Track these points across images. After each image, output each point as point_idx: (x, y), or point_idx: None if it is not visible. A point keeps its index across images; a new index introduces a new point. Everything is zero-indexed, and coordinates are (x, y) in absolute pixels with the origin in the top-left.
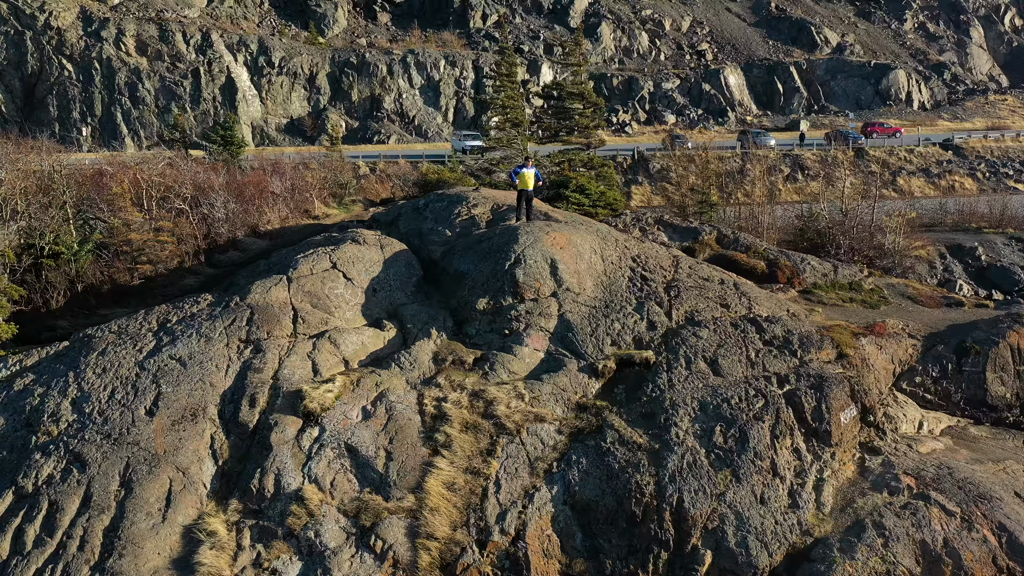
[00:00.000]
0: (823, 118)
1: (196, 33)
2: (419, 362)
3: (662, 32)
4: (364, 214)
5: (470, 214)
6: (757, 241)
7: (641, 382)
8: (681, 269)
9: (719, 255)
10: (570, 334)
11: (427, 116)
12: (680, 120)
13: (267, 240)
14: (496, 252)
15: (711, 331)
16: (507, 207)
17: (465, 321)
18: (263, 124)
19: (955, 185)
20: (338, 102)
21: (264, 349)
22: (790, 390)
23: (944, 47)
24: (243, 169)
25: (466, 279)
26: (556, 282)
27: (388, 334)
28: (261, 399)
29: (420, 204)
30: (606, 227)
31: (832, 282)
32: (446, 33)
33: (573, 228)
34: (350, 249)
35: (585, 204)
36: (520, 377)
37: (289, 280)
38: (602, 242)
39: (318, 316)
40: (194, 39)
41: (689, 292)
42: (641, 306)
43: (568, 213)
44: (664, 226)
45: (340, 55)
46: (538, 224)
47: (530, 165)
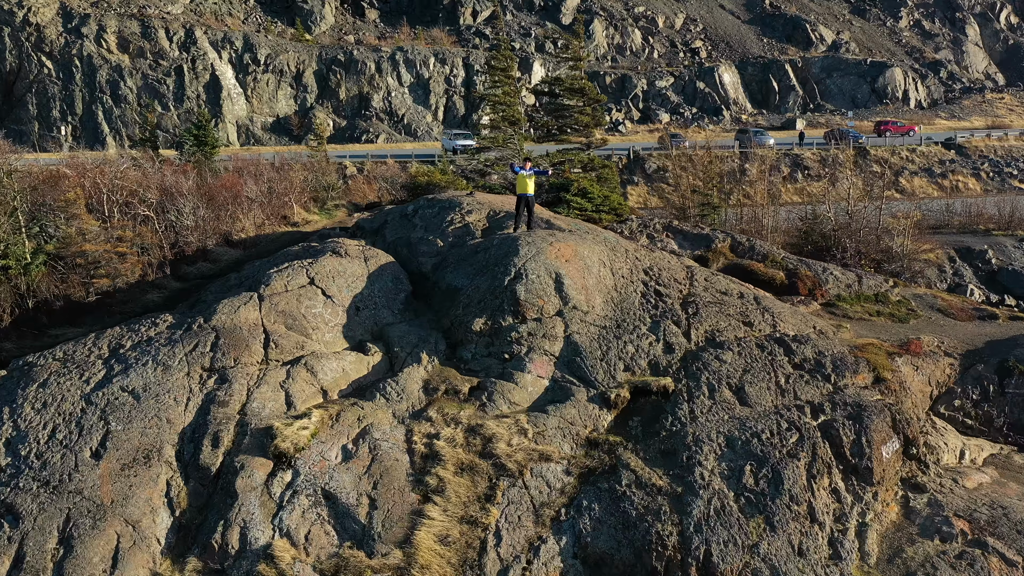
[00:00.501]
0: (819, 116)
1: (179, 30)
2: (408, 392)
3: (655, 29)
4: (348, 220)
5: (464, 221)
6: (774, 249)
7: (659, 414)
8: (697, 282)
9: (734, 265)
10: (578, 358)
11: (416, 115)
12: (674, 119)
13: (240, 249)
14: (494, 265)
15: (735, 354)
16: (504, 213)
17: (459, 343)
18: (248, 123)
19: (959, 185)
20: (325, 100)
21: (230, 379)
22: (825, 421)
23: (940, 45)
24: (216, 171)
25: (460, 295)
26: (561, 299)
27: (372, 359)
28: (226, 438)
29: (408, 210)
30: (614, 235)
31: (857, 294)
32: (436, 30)
33: (579, 238)
34: (330, 262)
35: (587, 209)
36: (522, 409)
37: (260, 298)
38: (611, 253)
39: (293, 339)
40: (177, 36)
41: (708, 309)
42: (656, 325)
43: (572, 220)
44: (673, 233)
45: (327, 52)
46: (540, 233)
47: (528, 167)
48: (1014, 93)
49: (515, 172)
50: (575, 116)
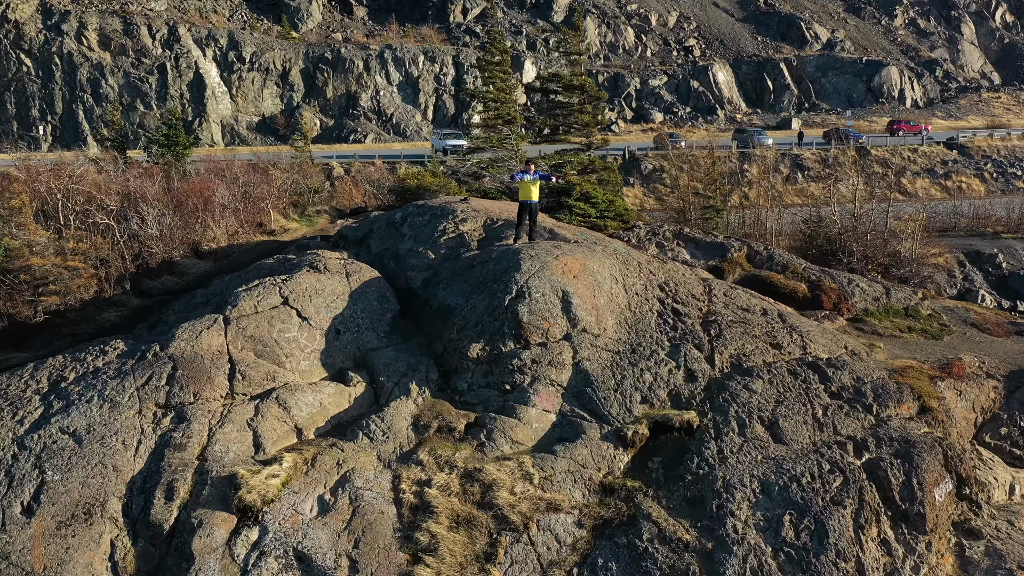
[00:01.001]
0: (815, 116)
1: (162, 27)
2: (394, 430)
3: (648, 27)
4: (330, 228)
5: (458, 231)
6: (795, 259)
7: (682, 453)
8: (716, 297)
9: (752, 276)
10: (589, 389)
11: (405, 114)
12: (668, 118)
13: (211, 261)
14: (493, 282)
15: (765, 382)
16: (503, 222)
17: (454, 372)
18: (233, 123)
19: (962, 186)
20: (312, 99)
21: (189, 417)
22: (871, 460)
23: (935, 44)
24: (186, 174)
25: (454, 316)
26: (569, 321)
27: (355, 390)
28: (182, 488)
29: (396, 218)
30: (624, 246)
31: (885, 308)
32: (425, 28)
33: (587, 249)
34: (307, 279)
35: (591, 215)
36: (526, 449)
37: (226, 321)
38: (623, 267)
39: (263, 369)
40: (160, 33)
41: (732, 329)
42: (676, 350)
43: (577, 229)
44: (685, 241)
45: (314, 50)
46: (544, 245)
47: (533, 171)
48: (1011, 92)
49: (517, 179)
50: (574, 115)
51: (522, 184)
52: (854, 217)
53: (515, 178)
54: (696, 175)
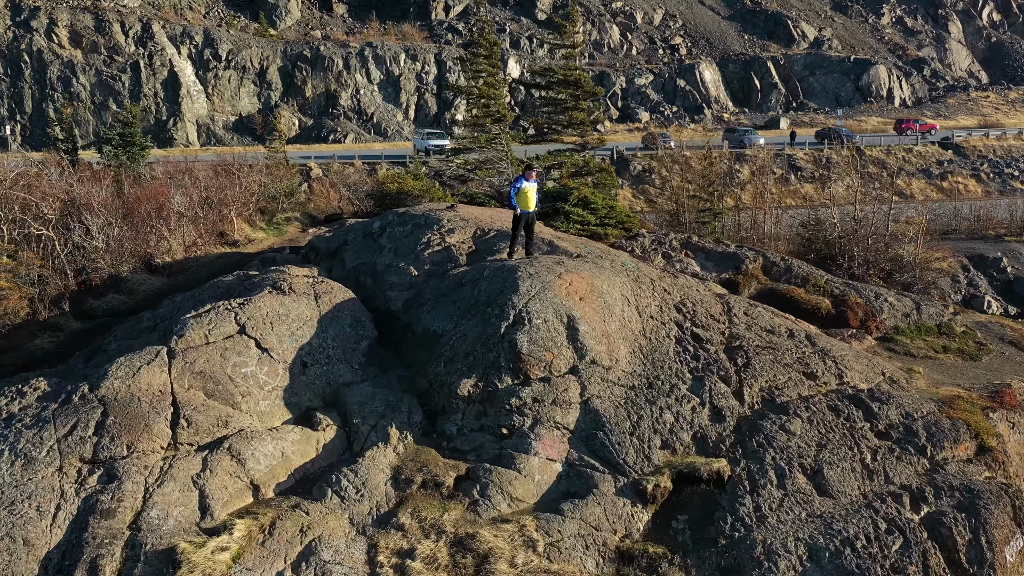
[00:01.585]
0: (803, 116)
1: (136, 24)
2: (370, 486)
3: (633, 25)
4: (300, 237)
5: (444, 243)
6: (815, 271)
7: (712, 510)
8: (736, 318)
9: (770, 290)
10: (600, 433)
11: (386, 113)
12: (654, 117)
13: (164, 277)
14: (486, 305)
15: (804, 421)
16: (495, 232)
17: (441, 412)
18: (209, 122)
19: (959, 187)
20: (291, 98)
21: (120, 475)
22: (931, 515)
23: (923, 42)
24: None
25: (441, 345)
26: (576, 351)
27: (323, 435)
28: (108, 567)
29: (374, 227)
30: (631, 260)
31: (916, 325)
32: (406, 25)
33: (594, 265)
34: (268, 302)
35: (591, 223)
36: (527, 507)
37: (171, 354)
38: (635, 285)
39: (214, 412)
40: (133, 30)
41: (760, 357)
42: (699, 383)
43: (578, 239)
44: (693, 251)
45: (293, 48)
46: (544, 261)
47: (533, 177)
48: (999, 91)
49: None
50: (568, 112)
51: (521, 193)
52: (854, 220)
53: (517, 185)
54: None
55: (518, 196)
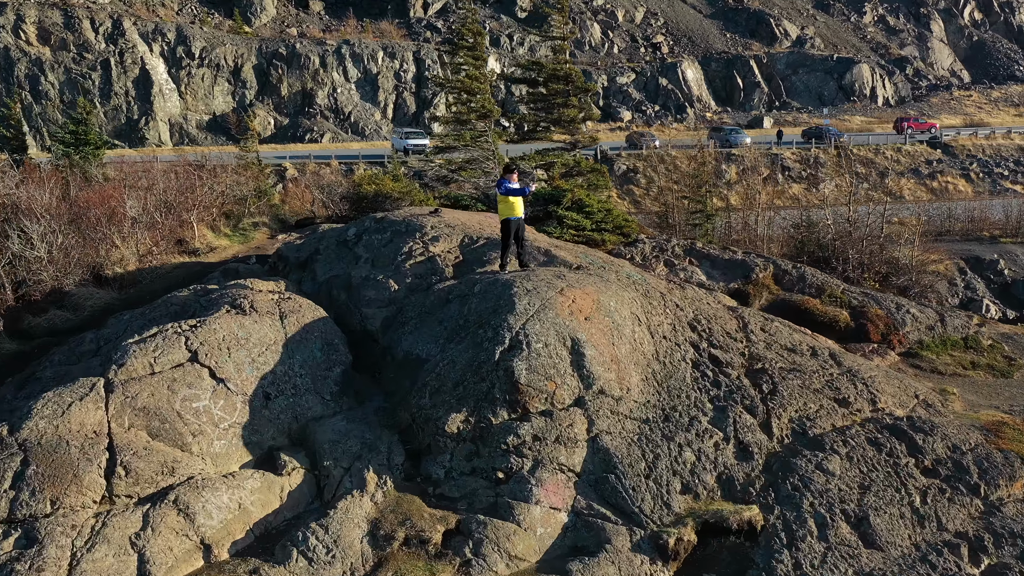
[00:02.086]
0: (786, 115)
1: (106, 20)
2: (344, 544)
3: (615, 23)
4: (268, 245)
5: (428, 253)
6: (831, 280)
7: (744, 567)
8: (753, 335)
9: (782, 301)
10: (612, 476)
11: (364, 112)
12: (637, 117)
13: (115, 290)
14: (477, 326)
15: (843, 458)
16: (485, 240)
17: (426, 452)
18: (182, 121)
19: (948, 187)
20: (266, 97)
21: (42, 538)
22: (992, 569)
23: (905, 41)
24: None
25: (426, 373)
26: (582, 379)
27: (288, 481)
28: None
29: (349, 235)
30: (637, 271)
31: (942, 338)
32: (384, 23)
33: (599, 279)
34: (226, 324)
35: (586, 227)
36: (529, 567)
37: (109, 387)
38: (645, 301)
39: (159, 457)
40: (104, 27)
41: (787, 382)
42: (722, 414)
43: (576, 247)
44: (698, 258)
45: (268, 46)
46: (541, 274)
47: (513, 181)
48: (981, 91)
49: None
50: (558, 109)
51: (503, 198)
52: (848, 221)
53: (502, 188)
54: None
55: (503, 202)
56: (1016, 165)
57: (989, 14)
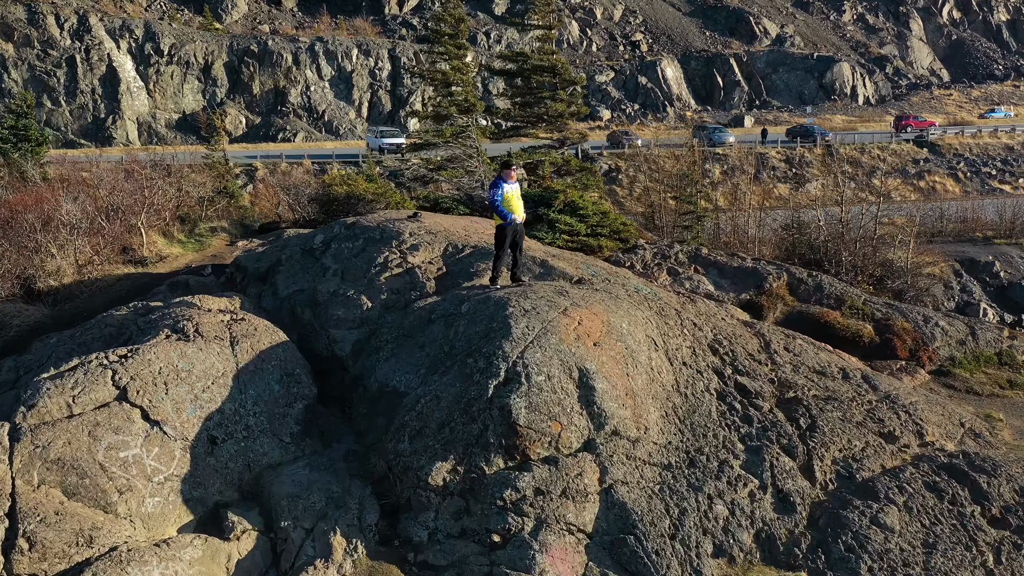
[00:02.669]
0: (767, 114)
1: (71, 16)
2: None
3: (593, 21)
4: (227, 252)
5: (406, 264)
6: (850, 289)
7: None
8: (778, 355)
9: (799, 313)
10: (630, 537)
11: (338, 111)
12: (616, 115)
13: (48, 306)
14: (466, 354)
15: (900, 509)
16: (471, 249)
17: (405, 509)
18: (151, 120)
19: (936, 186)
20: (237, 95)
21: None
22: None
23: (884, 40)
24: (28, 180)
25: (404, 409)
26: (592, 419)
27: (237, 547)
28: None
29: (316, 243)
30: (645, 284)
31: (974, 354)
32: (359, 20)
33: (607, 296)
34: (164, 353)
35: (581, 232)
36: None
37: (15, 434)
38: (660, 321)
39: (74, 523)
40: (69, 23)
41: (826, 415)
42: (756, 456)
43: (575, 257)
44: (704, 265)
45: (239, 43)
46: (541, 290)
47: (512, 178)
48: (961, 89)
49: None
50: (544, 103)
51: (506, 199)
52: (840, 222)
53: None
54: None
55: (503, 202)
56: (1004, 164)
57: (968, 13)
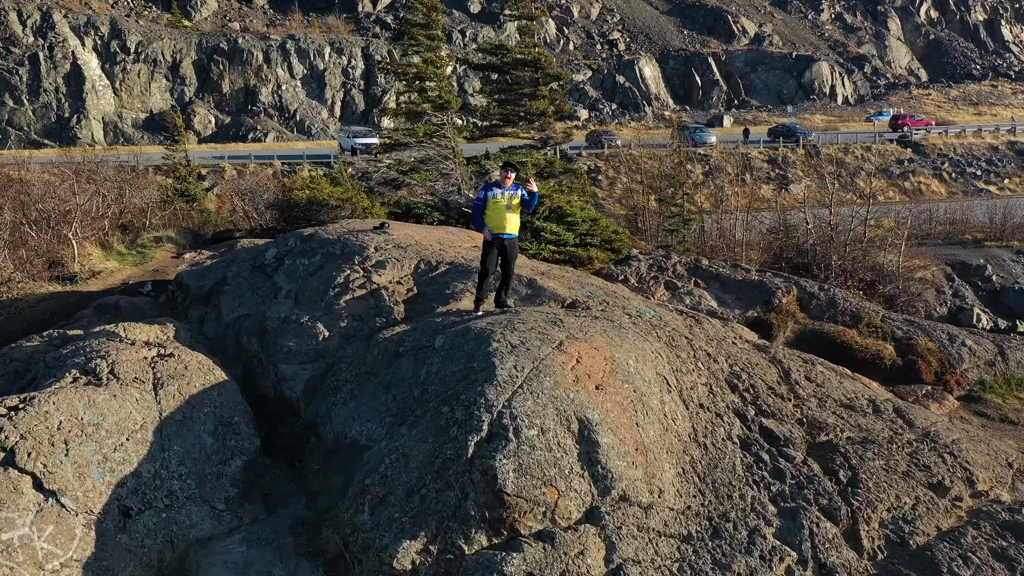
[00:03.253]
0: (746, 113)
1: (34, 12)
2: None
3: (570, 20)
4: (172, 265)
5: (370, 285)
6: (866, 304)
7: None
8: (799, 387)
9: (812, 333)
10: None
11: (310, 110)
12: (594, 115)
13: None
14: (441, 400)
15: None
16: (447, 266)
17: None
18: (117, 120)
19: (921, 187)
20: (206, 94)
21: None
22: None
23: (862, 39)
24: None
25: (365, 470)
26: (596, 481)
27: None
28: None
29: (268, 258)
30: (647, 305)
31: (1005, 376)
32: (331, 17)
33: (608, 323)
34: (65, 402)
35: (568, 242)
36: None
37: None
38: (670, 353)
39: None
40: (32, 19)
41: (866, 463)
42: (792, 521)
43: (565, 273)
44: (704, 278)
45: (209, 40)
46: (530, 318)
47: (509, 182)
48: (939, 89)
49: (484, 197)
50: (525, 100)
51: (492, 206)
52: (830, 225)
53: (485, 194)
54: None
55: (489, 209)
56: (988, 165)
57: (945, 12)
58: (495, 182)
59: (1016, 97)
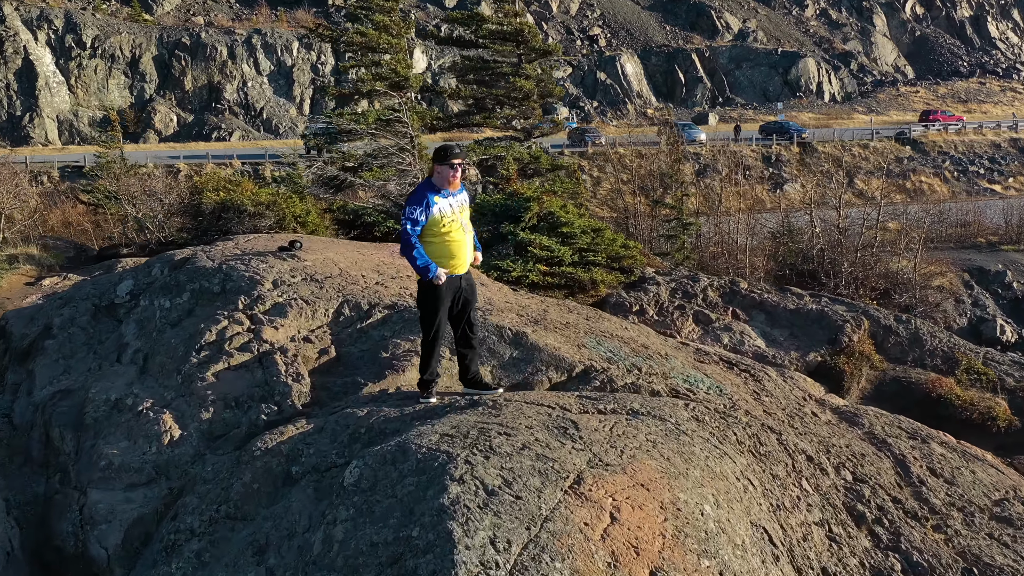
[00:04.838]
0: (731, 111)
1: None
2: None
3: (549, 14)
4: (17, 295)
5: (258, 345)
6: (958, 340)
7: None
8: (928, 491)
9: (894, 381)
10: None
11: (278, 108)
12: (574, 113)
13: None
14: None
15: None
16: (385, 312)
17: None
18: (72, 118)
19: (923, 187)
20: (168, 91)
21: None
22: None
23: (848, 36)
24: None
25: None
26: None
27: None
28: None
29: (120, 295)
30: (699, 371)
31: None
32: (300, 12)
33: (660, 428)
34: None
35: (564, 260)
36: None
37: None
38: (761, 469)
39: None
40: None
41: None
42: None
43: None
44: (746, 307)
45: (170, 35)
46: (518, 422)
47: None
48: (927, 86)
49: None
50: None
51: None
52: (838, 228)
53: (415, 210)
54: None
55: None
56: (991, 163)
57: (931, 9)
58: (430, 183)
59: (1005, 94)
